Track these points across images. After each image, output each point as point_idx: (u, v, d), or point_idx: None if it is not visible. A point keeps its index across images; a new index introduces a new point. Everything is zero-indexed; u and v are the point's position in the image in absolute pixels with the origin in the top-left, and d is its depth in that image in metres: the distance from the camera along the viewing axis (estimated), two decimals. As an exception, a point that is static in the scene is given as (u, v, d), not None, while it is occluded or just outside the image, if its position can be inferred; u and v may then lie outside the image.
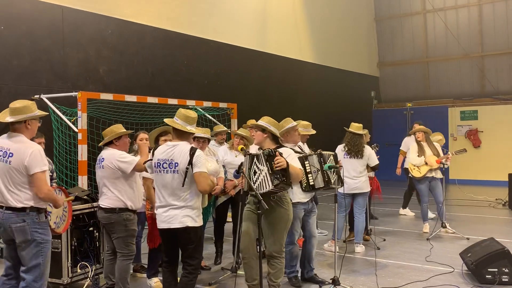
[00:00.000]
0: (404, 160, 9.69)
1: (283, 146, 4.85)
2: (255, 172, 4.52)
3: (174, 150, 4.22)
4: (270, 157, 4.40)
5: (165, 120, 4.39)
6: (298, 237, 5.62)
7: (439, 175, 8.09)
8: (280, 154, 4.46)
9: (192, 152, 4.17)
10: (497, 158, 15.33)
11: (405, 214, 10.07)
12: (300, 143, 5.79)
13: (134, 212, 4.91)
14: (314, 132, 6.42)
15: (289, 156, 4.62)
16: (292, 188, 5.00)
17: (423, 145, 8.13)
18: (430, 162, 7.96)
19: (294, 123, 5.39)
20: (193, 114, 4.36)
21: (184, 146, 4.23)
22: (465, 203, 11.61)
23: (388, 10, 18.43)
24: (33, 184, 3.94)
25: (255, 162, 4.54)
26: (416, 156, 8.07)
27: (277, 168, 4.36)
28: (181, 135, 4.29)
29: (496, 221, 9.57)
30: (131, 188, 4.82)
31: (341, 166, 5.75)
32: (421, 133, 8.20)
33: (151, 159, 4.35)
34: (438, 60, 17.57)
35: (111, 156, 4.78)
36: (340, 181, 5.46)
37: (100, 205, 4.83)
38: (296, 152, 5.32)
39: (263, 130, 4.75)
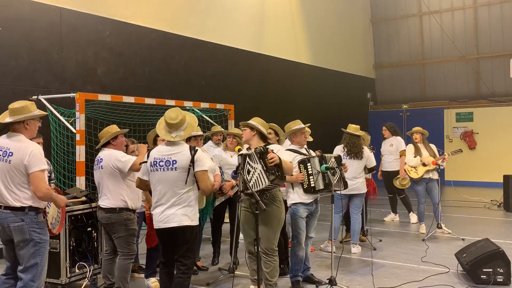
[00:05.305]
0: None
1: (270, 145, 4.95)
2: (248, 171, 4.61)
3: (173, 149, 4.26)
4: (262, 154, 4.51)
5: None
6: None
7: (436, 176, 8.12)
8: (272, 150, 4.57)
9: (194, 150, 4.23)
10: (492, 159, 15.41)
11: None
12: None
13: (134, 212, 4.94)
14: (310, 139, 6.49)
15: (278, 151, 4.74)
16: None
17: (419, 147, 8.19)
18: (428, 162, 8.00)
19: (302, 125, 5.45)
20: (175, 119, 4.25)
21: (182, 145, 4.29)
22: (460, 204, 11.67)
23: (384, 12, 18.49)
24: (31, 183, 3.96)
25: (247, 162, 4.64)
26: (413, 157, 8.13)
27: (271, 164, 4.45)
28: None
29: (491, 222, 9.64)
30: (130, 188, 4.85)
31: (346, 168, 5.80)
32: (418, 135, 8.22)
33: (146, 161, 4.37)
34: (434, 62, 17.65)
35: (110, 156, 4.82)
36: (343, 183, 5.52)
37: (100, 206, 4.87)
38: (301, 154, 5.39)
39: (251, 128, 4.87)
